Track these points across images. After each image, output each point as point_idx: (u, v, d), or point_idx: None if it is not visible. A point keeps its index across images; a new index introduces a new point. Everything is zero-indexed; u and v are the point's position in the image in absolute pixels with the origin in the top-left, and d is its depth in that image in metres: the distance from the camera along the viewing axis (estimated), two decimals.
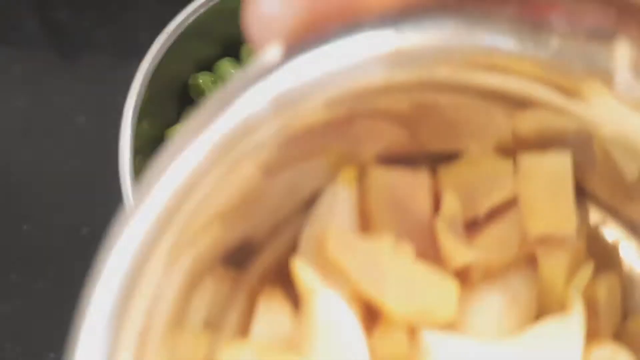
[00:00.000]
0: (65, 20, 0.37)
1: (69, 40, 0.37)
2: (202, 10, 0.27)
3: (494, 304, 0.13)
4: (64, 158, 0.34)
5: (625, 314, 0.14)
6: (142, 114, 0.26)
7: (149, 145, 0.27)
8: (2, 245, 0.33)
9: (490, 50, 0.10)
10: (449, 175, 0.13)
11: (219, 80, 0.29)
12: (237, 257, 0.12)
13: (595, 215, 0.14)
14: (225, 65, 0.29)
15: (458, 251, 0.13)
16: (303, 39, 0.09)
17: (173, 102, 0.29)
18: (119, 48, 0.36)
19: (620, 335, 0.14)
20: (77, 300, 0.12)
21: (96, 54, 0.36)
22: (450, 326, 0.12)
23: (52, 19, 0.37)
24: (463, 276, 0.13)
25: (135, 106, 0.26)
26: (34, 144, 0.35)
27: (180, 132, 0.09)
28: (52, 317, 0.31)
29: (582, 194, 0.13)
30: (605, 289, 0.14)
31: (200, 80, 0.29)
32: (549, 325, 0.13)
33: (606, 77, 0.10)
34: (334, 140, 0.12)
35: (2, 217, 0.33)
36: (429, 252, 0.13)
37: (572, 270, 0.13)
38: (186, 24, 0.27)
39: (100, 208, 0.33)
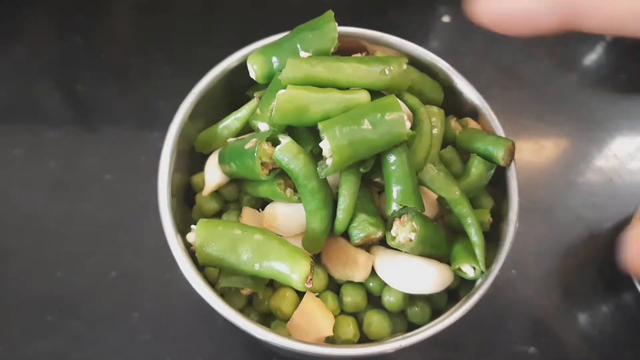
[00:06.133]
0: (87, 93, 0.42)
1: (92, 110, 0.42)
2: (214, 81, 0.33)
3: None
4: (94, 210, 0.38)
5: None
6: (174, 166, 0.32)
7: (180, 191, 0.33)
8: (39, 290, 0.36)
9: None
10: None
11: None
12: None
13: None
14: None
15: None
16: None
17: (193, 155, 0.34)
18: (137, 114, 0.41)
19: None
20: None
21: (117, 121, 0.41)
22: None
23: (75, 92, 0.42)
24: None
25: (170, 161, 0.31)
26: (65, 199, 0.38)
27: None
28: (85, 352, 0.34)
29: None
30: None
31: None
32: None
33: None
34: None
35: (38, 265, 0.36)
36: None
37: None
38: (202, 93, 0.33)
39: (126, 252, 0.37)
